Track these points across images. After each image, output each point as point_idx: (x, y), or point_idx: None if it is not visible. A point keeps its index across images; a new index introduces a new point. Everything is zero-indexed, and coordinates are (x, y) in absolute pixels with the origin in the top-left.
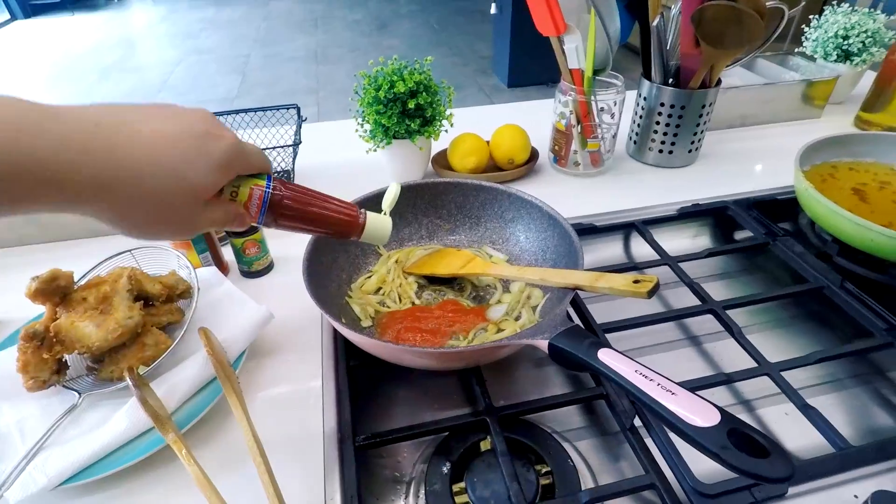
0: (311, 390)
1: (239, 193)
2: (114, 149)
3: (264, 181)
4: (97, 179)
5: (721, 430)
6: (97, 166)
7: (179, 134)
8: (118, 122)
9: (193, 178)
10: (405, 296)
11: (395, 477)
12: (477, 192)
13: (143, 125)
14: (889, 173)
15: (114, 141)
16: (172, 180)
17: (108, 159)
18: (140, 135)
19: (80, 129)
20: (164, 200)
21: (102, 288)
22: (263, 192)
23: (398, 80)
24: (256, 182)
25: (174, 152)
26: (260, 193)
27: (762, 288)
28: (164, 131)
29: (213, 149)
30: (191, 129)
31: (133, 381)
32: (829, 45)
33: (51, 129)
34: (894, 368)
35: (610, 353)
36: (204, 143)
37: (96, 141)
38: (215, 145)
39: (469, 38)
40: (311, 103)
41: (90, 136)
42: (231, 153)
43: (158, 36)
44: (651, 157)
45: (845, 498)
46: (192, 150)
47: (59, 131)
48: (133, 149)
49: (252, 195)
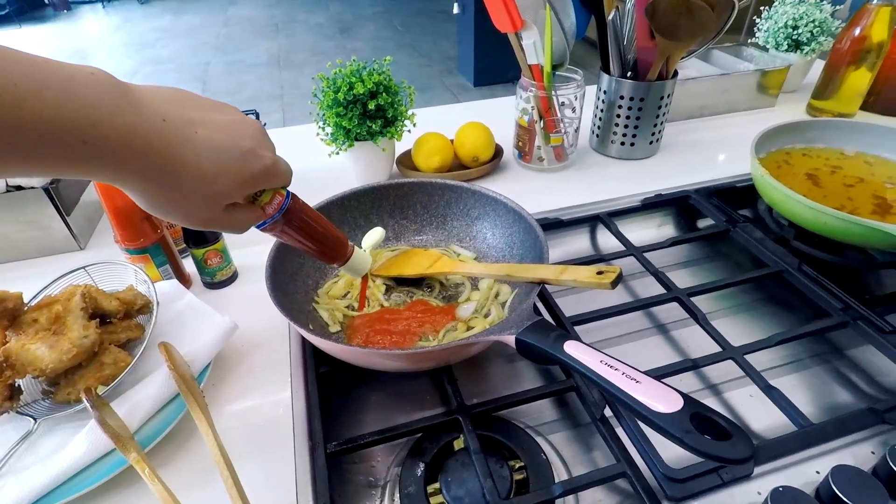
0: (281, 400)
1: (262, 196)
2: (169, 146)
3: (285, 192)
4: (144, 167)
5: (684, 415)
6: (149, 158)
7: (227, 146)
8: (181, 122)
9: (222, 186)
10: (373, 299)
11: (370, 482)
12: (442, 192)
13: (200, 129)
14: (840, 158)
15: (171, 140)
16: (203, 183)
17: (161, 154)
18: (194, 139)
19: (149, 123)
20: (191, 197)
21: (54, 307)
22: (284, 199)
23: (357, 81)
24: (280, 191)
25: (216, 161)
26: (280, 201)
27: (725, 274)
28: (214, 140)
29: (249, 167)
30: (237, 145)
31: (91, 403)
32: (780, 35)
33: (125, 115)
34: (851, 347)
35: (576, 345)
36: (245, 159)
37: (158, 136)
38: (253, 164)
39: (434, 39)
40: (276, 109)
41: (154, 131)
42: (263, 174)
43: (112, 46)
44: (614, 149)
45: (808, 474)
46: (231, 163)
47: (130, 121)
48: (184, 149)
49: (273, 201)
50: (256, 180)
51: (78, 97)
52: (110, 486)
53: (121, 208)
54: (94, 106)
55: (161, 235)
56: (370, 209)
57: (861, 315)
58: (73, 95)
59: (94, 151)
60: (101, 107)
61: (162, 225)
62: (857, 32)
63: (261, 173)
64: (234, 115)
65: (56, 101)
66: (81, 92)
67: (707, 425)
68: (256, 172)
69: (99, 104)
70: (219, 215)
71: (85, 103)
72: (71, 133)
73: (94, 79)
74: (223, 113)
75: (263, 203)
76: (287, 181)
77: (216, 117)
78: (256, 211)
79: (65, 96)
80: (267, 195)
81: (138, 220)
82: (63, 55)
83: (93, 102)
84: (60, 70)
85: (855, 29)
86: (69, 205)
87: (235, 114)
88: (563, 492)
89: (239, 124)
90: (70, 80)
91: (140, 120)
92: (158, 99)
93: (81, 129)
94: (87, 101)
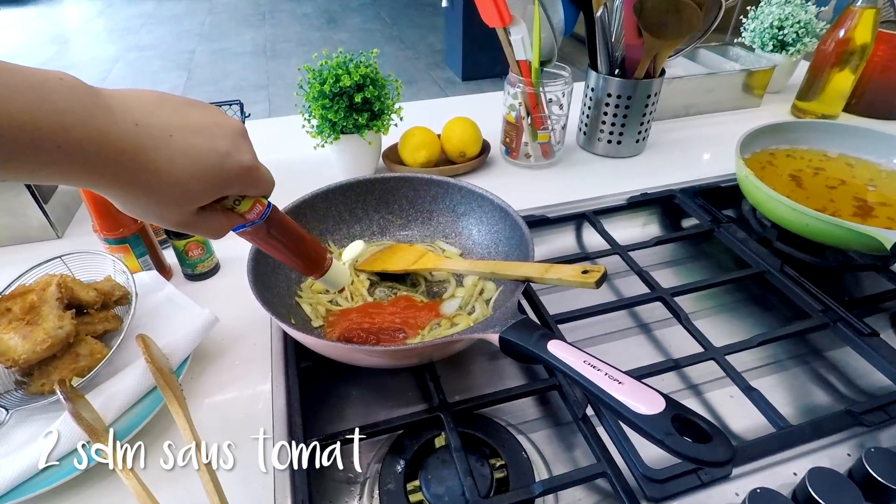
0: (260, 394)
1: (242, 203)
2: (142, 152)
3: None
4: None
5: (665, 416)
6: (122, 163)
7: (203, 150)
8: (156, 127)
9: (196, 189)
10: (357, 294)
11: (349, 478)
12: (428, 187)
13: (175, 132)
14: (823, 159)
15: (144, 145)
16: (177, 188)
17: (133, 160)
18: (168, 144)
19: (121, 128)
20: (165, 201)
21: (29, 297)
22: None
23: (343, 73)
24: (260, 201)
25: (191, 166)
26: (260, 210)
27: (708, 274)
28: (189, 144)
29: (225, 169)
30: (213, 147)
31: (64, 395)
32: (766, 35)
33: (97, 120)
34: (830, 348)
35: (559, 344)
36: (221, 162)
37: (130, 142)
38: (228, 166)
39: (421, 32)
40: (262, 99)
41: (127, 136)
42: (240, 175)
43: (95, 32)
44: (600, 147)
45: (785, 475)
46: (207, 167)
47: (103, 126)
48: (157, 154)
49: (252, 210)
50: (232, 182)
51: (50, 102)
52: (83, 479)
53: (99, 198)
54: (66, 111)
55: (141, 226)
56: (355, 203)
57: (840, 317)
58: (45, 101)
59: (68, 157)
60: (73, 112)
61: None
62: (841, 34)
63: (237, 175)
64: (213, 117)
65: (29, 106)
66: (53, 97)
67: (688, 427)
68: (232, 174)
69: (71, 109)
70: (193, 219)
71: (57, 108)
72: (45, 138)
73: (64, 84)
74: (202, 114)
75: (242, 211)
76: (267, 190)
77: (193, 119)
78: (234, 218)
79: (38, 102)
80: (246, 203)
81: (117, 210)
82: (43, 40)
83: (65, 108)
84: (31, 76)
85: (839, 30)
86: (47, 192)
87: (215, 114)
88: (542, 491)
89: (217, 126)
90: (41, 85)
91: (112, 125)
92: (132, 103)
93: (55, 134)
94: (60, 106)
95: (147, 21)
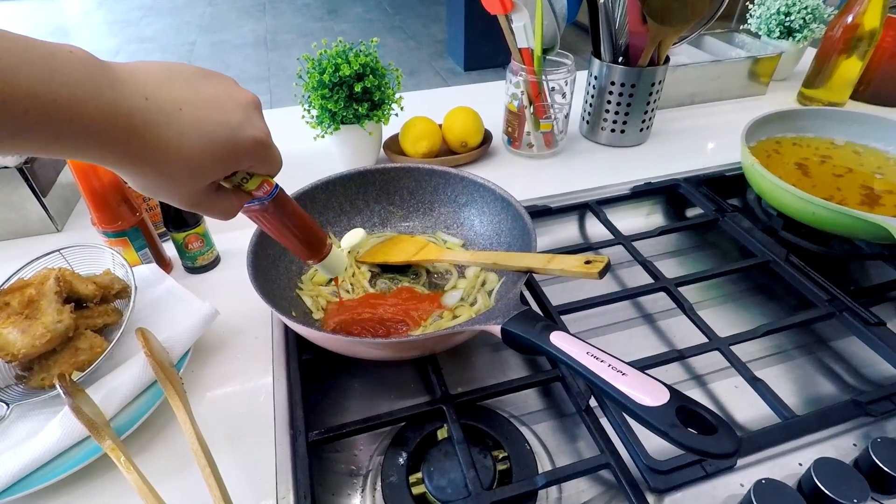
0: (262, 387)
1: (250, 181)
2: (152, 127)
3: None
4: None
5: (670, 408)
6: (132, 140)
7: (214, 122)
8: (166, 101)
9: (208, 164)
10: (359, 285)
11: (352, 471)
12: (429, 177)
13: (185, 106)
14: (829, 147)
15: (153, 119)
16: (187, 163)
17: (142, 136)
18: (178, 119)
19: (131, 102)
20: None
21: (27, 291)
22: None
23: (343, 62)
24: (268, 180)
25: (202, 140)
26: (268, 189)
27: (713, 264)
28: (200, 118)
29: (236, 141)
30: (225, 119)
31: (64, 389)
32: (772, 21)
33: (107, 94)
34: (836, 338)
35: (562, 335)
36: (233, 134)
37: (140, 117)
38: (241, 138)
39: (424, 21)
40: (264, 91)
41: (136, 111)
42: (253, 148)
43: (95, 24)
44: (604, 136)
45: (791, 466)
46: (218, 140)
47: (113, 100)
48: (168, 129)
49: (261, 187)
50: (242, 156)
51: (62, 74)
52: (84, 473)
53: (97, 190)
54: (77, 83)
55: (140, 218)
56: (356, 194)
57: (846, 306)
58: (56, 72)
59: (80, 130)
60: (83, 84)
61: (141, 208)
62: (849, 20)
63: (249, 149)
64: (225, 87)
65: (41, 77)
66: (64, 69)
67: (693, 418)
68: (243, 148)
69: (81, 81)
70: (204, 198)
71: (69, 80)
72: (58, 110)
73: (74, 56)
74: (215, 86)
75: (251, 189)
76: (276, 168)
77: (205, 91)
78: (242, 197)
79: (49, 73)
80: (255, 181)
81: (116, 203)
82: (43, 33)
83: (76, 80)
84: (41, 47)
85: (847, 16)
86: (45, 185)
87: (228, 85)
88: (546, 482)
89: (230, 98)
90: (52, 58)
91: (122, 99)
92: (143, 76)
93: (69, 107)
94: (71, 78)
95: (147, 13)
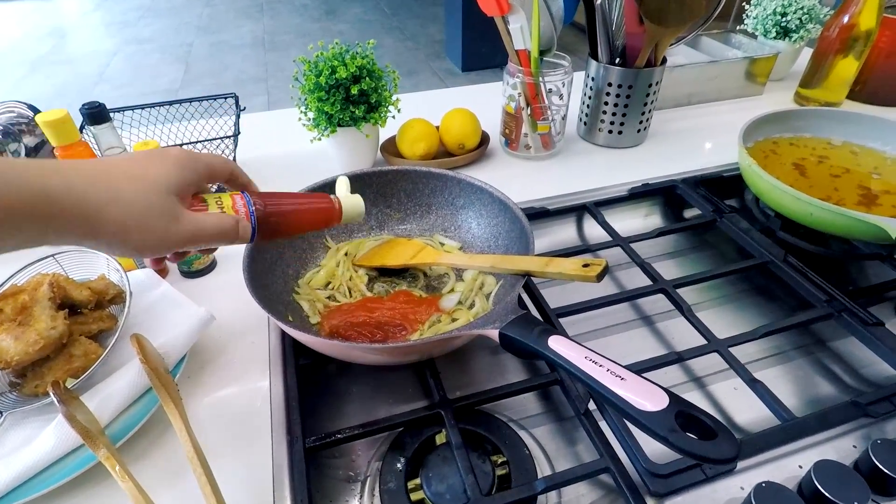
0: (259, 392)
1: (223, 203)
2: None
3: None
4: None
5: (669, 413)
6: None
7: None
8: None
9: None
10: (355, 289)
11: (349, 476)
12: (427, 180)
13: (103, 175)
14: (826, 147)
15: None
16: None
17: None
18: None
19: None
20: (145, 239)
21: (20, 297)
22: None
23: (339, 65)
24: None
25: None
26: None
27: (711, 265)
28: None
29: (178, 166)
30: (147, 165)
31: (58, 396)
32: (769, 21)
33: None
34: (835, 338)
35: (560, 339)
36: (166, 170)
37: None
38: (186, 162)
39: (421, 22)
40: (261, 92)
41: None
42: (180, 155)
43: (93, 25)
44: (601, 137)
45: (791, 469)
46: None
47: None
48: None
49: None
50: (184, 172)
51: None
52: (79, 482)
53: None
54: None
55: None
56: None
57: (845, 307)
58: None
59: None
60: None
61: None
62: (845, 20)
63: (179, 161)
64: (145, 157)
65: None
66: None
67: (692, 423)
68: (173, 155)
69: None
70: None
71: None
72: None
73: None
74: (131, 166)
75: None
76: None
77: (124, 172)
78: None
79: None
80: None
81: None
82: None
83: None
84: None
85: (843, 16)
86: None
87: (144, 156)
88: (545, 488)
89: (145, 159)
90: None
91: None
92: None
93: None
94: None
95: (145, 13)
